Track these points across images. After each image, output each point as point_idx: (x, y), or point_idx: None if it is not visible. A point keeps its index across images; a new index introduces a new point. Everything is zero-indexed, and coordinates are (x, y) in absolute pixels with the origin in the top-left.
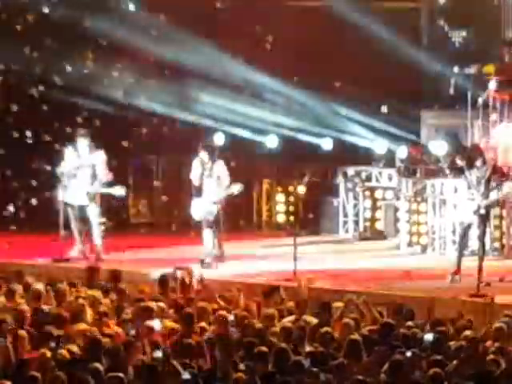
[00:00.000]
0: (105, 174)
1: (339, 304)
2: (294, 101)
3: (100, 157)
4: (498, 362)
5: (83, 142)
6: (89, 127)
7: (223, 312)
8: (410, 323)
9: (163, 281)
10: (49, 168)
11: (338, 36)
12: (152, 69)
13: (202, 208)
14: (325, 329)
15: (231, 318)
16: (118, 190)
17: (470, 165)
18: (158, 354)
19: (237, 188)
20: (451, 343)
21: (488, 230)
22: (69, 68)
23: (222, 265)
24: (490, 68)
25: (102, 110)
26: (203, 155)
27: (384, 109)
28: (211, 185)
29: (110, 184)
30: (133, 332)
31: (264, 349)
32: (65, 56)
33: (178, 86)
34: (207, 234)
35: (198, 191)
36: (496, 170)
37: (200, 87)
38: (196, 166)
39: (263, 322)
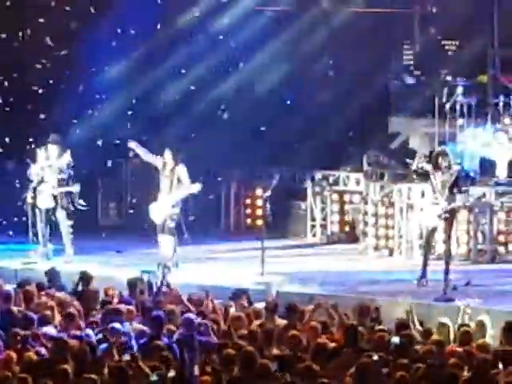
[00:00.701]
0: (67, 172)
1: (309, 307)
2: None
3: (65, 158)
4: (461, 366)
5: (53, 147)
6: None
7: (190, 315)
8: (376, 326)
9: (131, 283)
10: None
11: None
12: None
13: (162, 211)
14: (292, 332)
15: (197, 320)
16: (74, 187)
17: (436, 168)
18: (127, 356)
19: (196, 187)
20: (418, 347)
21: (453, 234)
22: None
23: (191, 267)
24: (483, 78)
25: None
26: (167, 154)
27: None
28: (168, 187)
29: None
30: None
31: (231, 351)
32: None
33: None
34: (169, 240)
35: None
36: (461, 175)
37: None
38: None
39: (231, 325)
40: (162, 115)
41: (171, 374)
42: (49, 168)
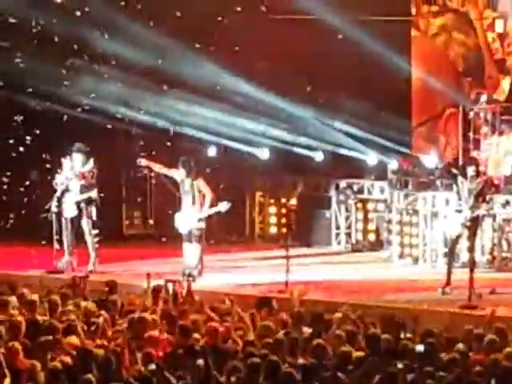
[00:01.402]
0: (87, 180)
1: (336, 316)
2: (286, 112)
3: (88, 166)
4: (485, 374)
5: (78, 156)
6: (83, 140)
7: (214, 323)
8: (401, 335)
9: (155, 293)
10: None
11: (329, 48)
12: (144, 81)
13: (187, 223)
14: (317, 341)
15: (221, 329)
16: (93, 193)
17: (464, 174)
18: (152, 366)
19: (224, 206)
20: (442, 355)
21: (478, 242)
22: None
23: (216, 276)
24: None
25: (96, 122)
26: (181, 171)
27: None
28: (191, 202)
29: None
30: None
31: (256, 360)
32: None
33: (170, 99)
34: (195, 249)
35: (179, 206)
36: (488, 183)
37: (191, 99)
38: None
39: (259, 334)
40: None
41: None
42: (74, 177)
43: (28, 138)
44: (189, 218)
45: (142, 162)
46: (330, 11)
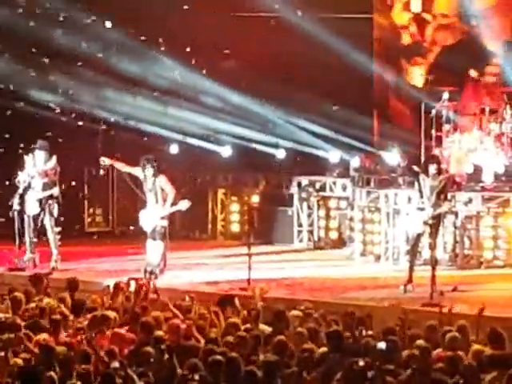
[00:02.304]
0: (49, 178)
1: (297, 313)
2: (247, 110)
3: (51, 163)
4: (447, 370)
5: (40, 154)
6: (47, 137)
7: (176, 321)
8: (362, 332)
9: (117, 290)
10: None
11: (291, 46)
12: (104, 78)
13: (151, 220)
14: (278, 337)
15: (183, 326)
16: (55, 190)
17: (426, 172)
18: (115, 363)
19: (184, 205)
20: (405, 352)
21: (440, 239)
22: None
23: (178, 274)
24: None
25: (60, 119)
26: (144, 169)
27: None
28: (154, 199)
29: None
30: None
31: (218, 358)
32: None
33: (133, 96)
34: (158, 246)
35: (141, 204)
36: (450, 181)
37: (155, 98)
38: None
39: (226, 332)
40: None
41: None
42: (37, 175)
43: None
44: (152, 215)
45: (106, 161)
46: (292, 10)
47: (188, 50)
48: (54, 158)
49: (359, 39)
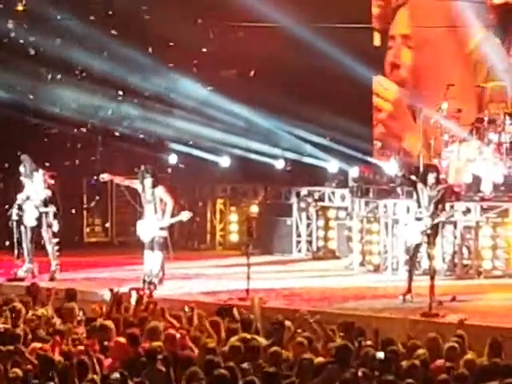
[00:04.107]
0: (44, 192)
1: (293, 323)
2: (247, 121)
3: (39, 176)
4: (448, 381)
5: (23, 166)
6: (41, 147)
7: (172, 331)
8: (361, 342)
9: (116, 300)
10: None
11: (291, 57)
12: (108, 89)
13: (149, 231)
14: (274, 348)
15: (178, 336)
16: (51, 208)
17: (424, 181)
18: (116, 374)
19: (185, 215)
20: (403, 362)
21: (439, 249)
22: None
23: (176, 284)
24: None
25: (56, 129)
26: (145, 179)
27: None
28: (153, 210)
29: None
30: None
31: (217, 368)
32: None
33: (135, 107)
34: (157, 257)
35: (141, 214)
36: (448, 191)
37: (153, 107)
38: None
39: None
40: None
41: None
42: (31, 186)
43: None
44: (151, 226)
45: (105, 177)
46: (294, 20)
47: (188, 60)
48: (40, 171)
49: (359, 49)
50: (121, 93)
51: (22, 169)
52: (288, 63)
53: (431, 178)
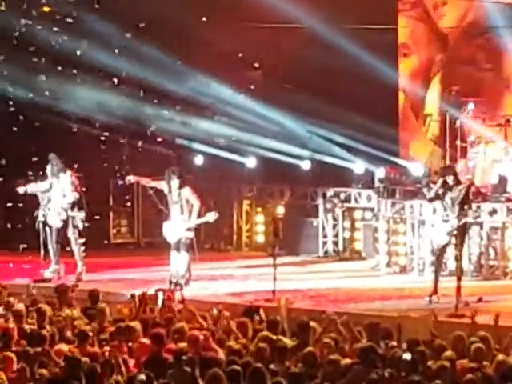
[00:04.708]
0: (72, 195)
1: (316, 324)
2: (272, 121)
3: (67, 178)
4: (474, 381)
5: (50, 165)
6: (68, 148)
7: (196, 332)
8: (387, 343)
9: (143, 301)
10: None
11: (317, 58)
12: (135, 91)
13: (176, 232)
14: (308, 349)
15: (201, 337)
16: (81, 214)
17: (445, 186)
18: (142, 376)
19: (211, 216)
20: (430, 363)
21: (465, 250)
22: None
23: (203, 285)
24: None
25: (80, 130)
26: (171, 180)
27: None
28: (179, 211)
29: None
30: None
31: (238, 368)
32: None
33: (157, 108)
34: (183, 258)
35: (168, 215)
36: (471, 190)
37: (179, 109)
38: (163, 189)
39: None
40: None
41: None
42: (58, 186)
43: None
44: (177, 227)
45: (131, 179)
46: (319, 20)
47: (213, 60)
48: (68, 172)
49: (386, 50)
50: (148, 95)
51: (48, 168)
52: (313, 63)
53: (450, 180)
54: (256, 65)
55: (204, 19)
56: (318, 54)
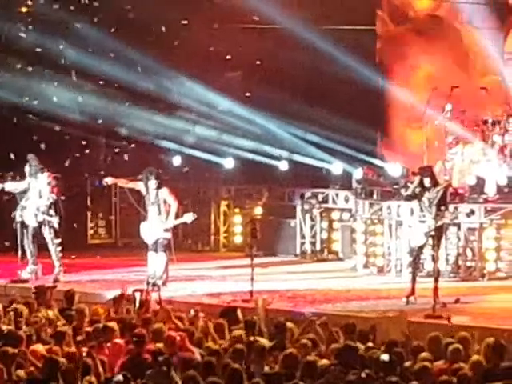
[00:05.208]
0: (49, 196)
1: (293, 324)
2: (250, 122)
3: (44, 179)
4: (450, 382)
5: (29, 165)
6: (45, 148)
7: (172, 333)
8: (366, 344)
9: (119, 302)
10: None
11: (297, 58)
12: (112, 91)
13: (153, 233)
14: (289, 350)
15: (178, 338)
16: (55, 218)
17: (421, 187)
18: (119, 377)
19: (189, 217)
20: (407, 364)
21: (443, 251)
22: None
23: (180, 286)
24: None
25: (58, 131)
26: (149, 181)
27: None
28: (157, 212)
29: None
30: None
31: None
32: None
33: (135, 108)
34: (160, 258)
35: (145, 216)
36: (448, 192)
37: (156, 109)
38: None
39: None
40: None
41: None
42: (35, 185)
43: None
44: (155, 227)
45: (108, 181)
46: (299, 21)
47: (191, 61)
48: (45, 173)
49: (363, 51)
50: (125, 94)
51: (27, 168)
52: (292, 65)
53: (427, 181)
54: (233, 64)
55: (184, 22)
56: (296, 55)
